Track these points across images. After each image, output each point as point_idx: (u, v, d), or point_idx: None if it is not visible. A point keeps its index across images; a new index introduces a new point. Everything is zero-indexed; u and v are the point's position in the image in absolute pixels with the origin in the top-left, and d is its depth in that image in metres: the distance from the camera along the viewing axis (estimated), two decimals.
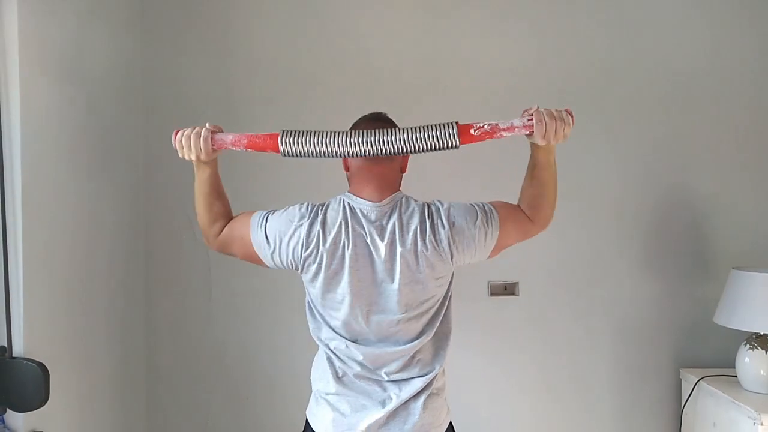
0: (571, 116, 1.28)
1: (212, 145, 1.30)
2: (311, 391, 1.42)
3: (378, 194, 1.33)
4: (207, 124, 1.31)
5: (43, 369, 1.33)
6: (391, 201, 1.33)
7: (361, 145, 1.25)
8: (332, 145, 1.26)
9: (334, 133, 1.27)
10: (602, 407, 2.16)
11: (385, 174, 1.35)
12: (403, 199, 1.34)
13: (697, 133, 2.15)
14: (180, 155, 1.32)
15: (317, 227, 1.29)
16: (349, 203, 1.33)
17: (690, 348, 2.15)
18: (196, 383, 2.11)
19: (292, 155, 1.29)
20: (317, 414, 1.37)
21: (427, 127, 1.26)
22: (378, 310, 1.30)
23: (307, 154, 1.28)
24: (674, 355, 2.15)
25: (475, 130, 1.26)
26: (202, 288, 2.11)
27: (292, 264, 1.32)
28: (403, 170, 1.41)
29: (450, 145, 1.25)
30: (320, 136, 1.26)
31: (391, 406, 1.31)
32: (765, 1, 2.16)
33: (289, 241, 1.30)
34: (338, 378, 1.35)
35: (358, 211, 1.31)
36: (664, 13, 2.15)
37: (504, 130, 1.26)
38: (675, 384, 2.15)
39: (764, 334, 1.89)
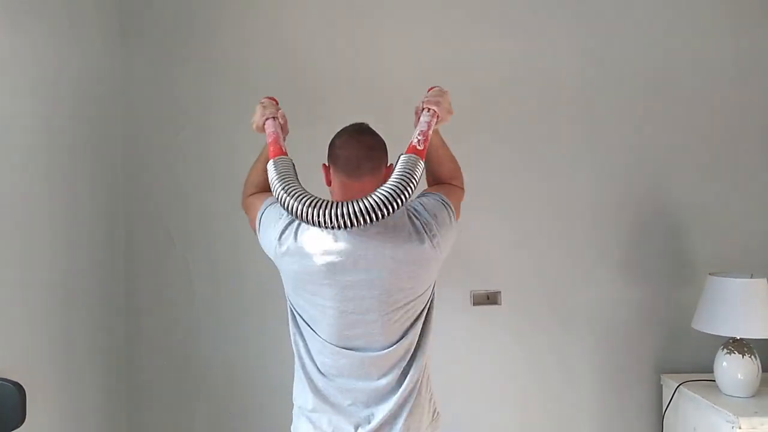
0: (440, 87, 1.43)
1: (263, 123, 1.43)
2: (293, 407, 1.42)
3: None
4: (280, 110, 1.46)
5: (20, 389, 1.30)
6: None
7: (336, 218, 1.17)
8: (302, 211, 1.19)
9: (314, 200, 1.20)
10: (585, 414, 2.18)
11: (367, 190, 1.34)
12: None
13: (674, 142, 2.19)
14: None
15: (291, 230, 1.32)
16: None
17: (670, 353, 2.18)
18: (179, 398, 2.08)
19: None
20: (300, 430, 1.37)
21: (396, 176, 1.22)
22: (360, 312, 1.30)
23: (276, 195, 1.26)
24: (655, 360, 2.18)
25: (419, 144, 1.29)
26: (184, 302, 2.09)
27: (271, 254, 1.38)
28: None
29: (421, 169, 1.26)
30: (294, 197, 1.20)
31: (372, 424, 1.31)
32: (742, 13, 2.21)
33: (268, 232, 1.36)
34: (318, 393, 1.35)
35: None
36: (644, 22, 2.19)
37: (428, 129, 1.33)
38: (656, 389, 2.17)
39: (740, 339, 1.92)
